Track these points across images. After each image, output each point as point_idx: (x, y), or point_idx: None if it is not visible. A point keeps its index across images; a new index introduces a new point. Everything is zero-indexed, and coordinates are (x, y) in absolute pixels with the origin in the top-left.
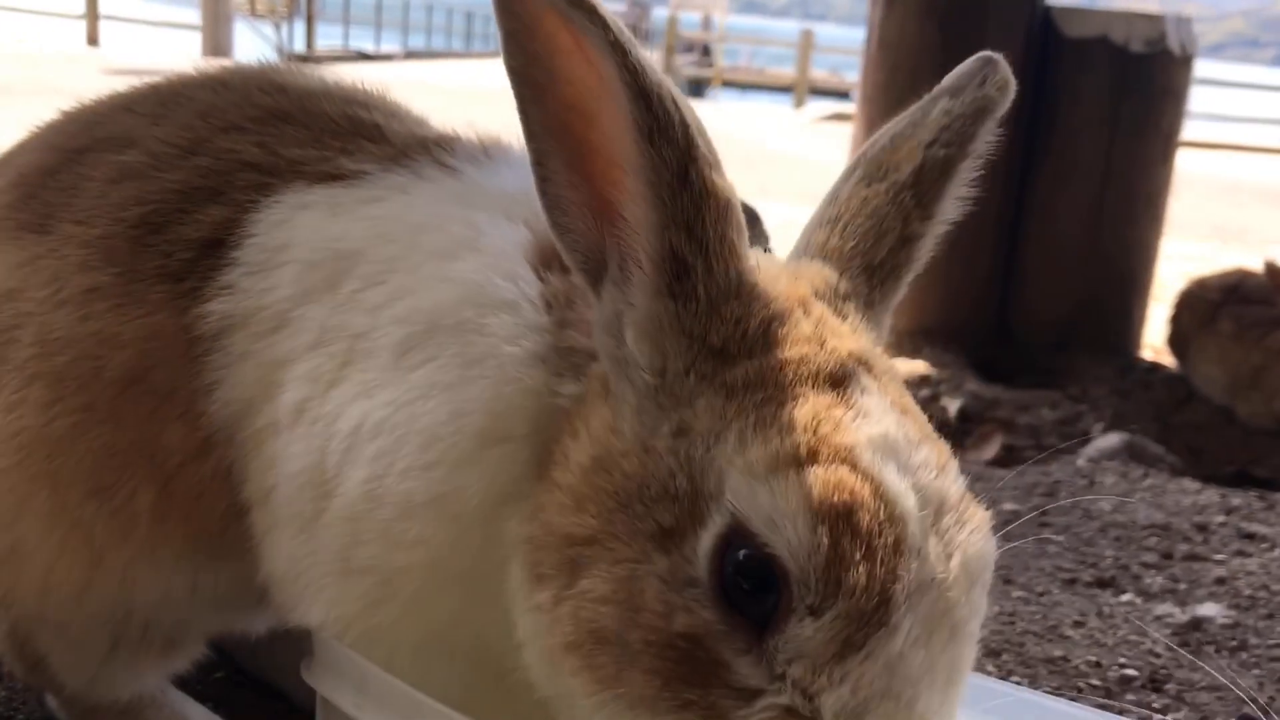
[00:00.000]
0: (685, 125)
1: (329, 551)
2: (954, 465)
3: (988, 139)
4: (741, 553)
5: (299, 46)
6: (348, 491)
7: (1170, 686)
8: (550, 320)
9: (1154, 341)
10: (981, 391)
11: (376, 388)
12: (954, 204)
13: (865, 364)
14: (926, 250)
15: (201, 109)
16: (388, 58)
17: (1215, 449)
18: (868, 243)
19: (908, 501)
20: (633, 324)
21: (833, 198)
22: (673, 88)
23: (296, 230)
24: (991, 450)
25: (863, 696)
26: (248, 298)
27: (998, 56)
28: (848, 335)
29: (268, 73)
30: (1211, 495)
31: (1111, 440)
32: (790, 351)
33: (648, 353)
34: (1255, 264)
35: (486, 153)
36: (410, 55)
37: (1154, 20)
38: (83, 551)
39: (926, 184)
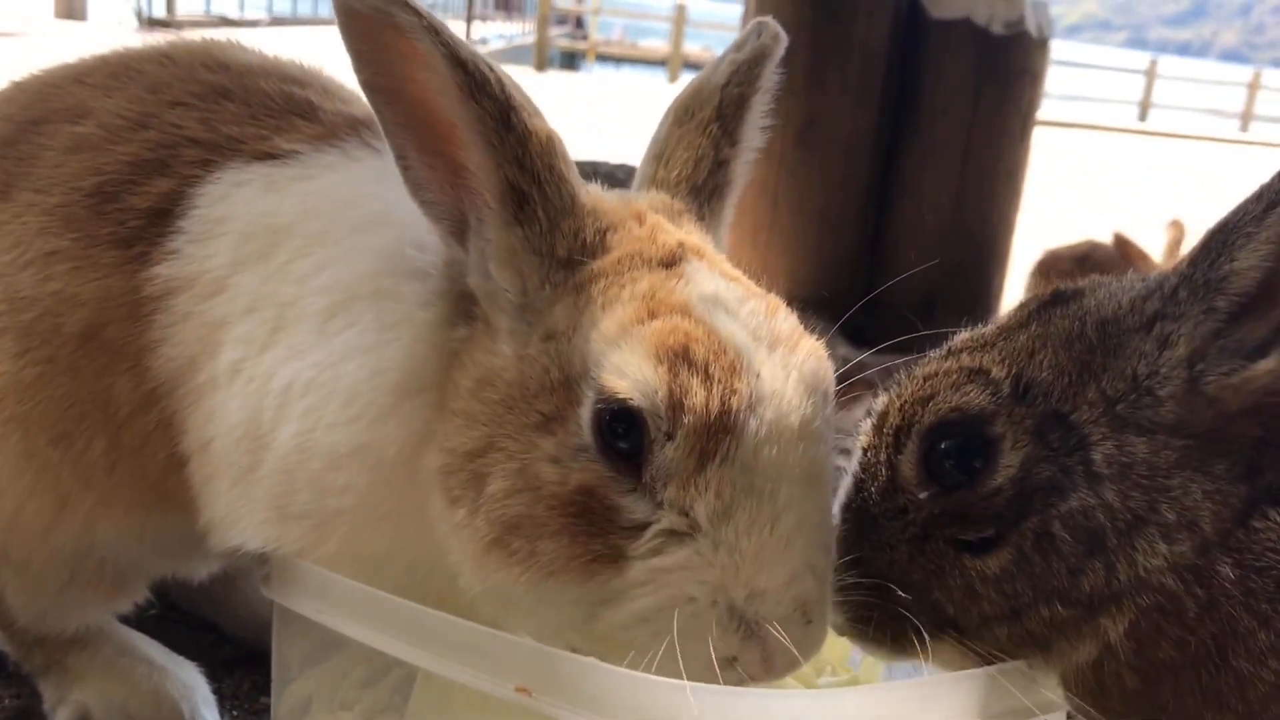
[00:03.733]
0: (500, 82)
1: (266, 499)
2: (784, 311)
3: (772, 78)
4: (611, 408)
5: (159, 11)
6: (281, 445)
7: None
8: (448, 279)
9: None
10: (851, 356)
11: (304, 350)
12: (756, 132)
13: (695, 251)
14: (741, 172)
15: (150, 83)
16: (252, 24)
17: None
18: (689, 169)
19: (739, 337)
20: (493, 256)
21: (654, 140)
22: (487, 59)
23: (234, 205)
24: (861, 409)
25: (727, 497)
26: (191, 263)
27: (769, 20)
28: (679, 233)
29: (210, 49)
30: None
31: None
32: (626, 249)
33: (508, 276)
34: (1105, 236)
35: None
36: (276, 21)
37: (1013, 3)
38: (50, 494)
39: (728, 117)
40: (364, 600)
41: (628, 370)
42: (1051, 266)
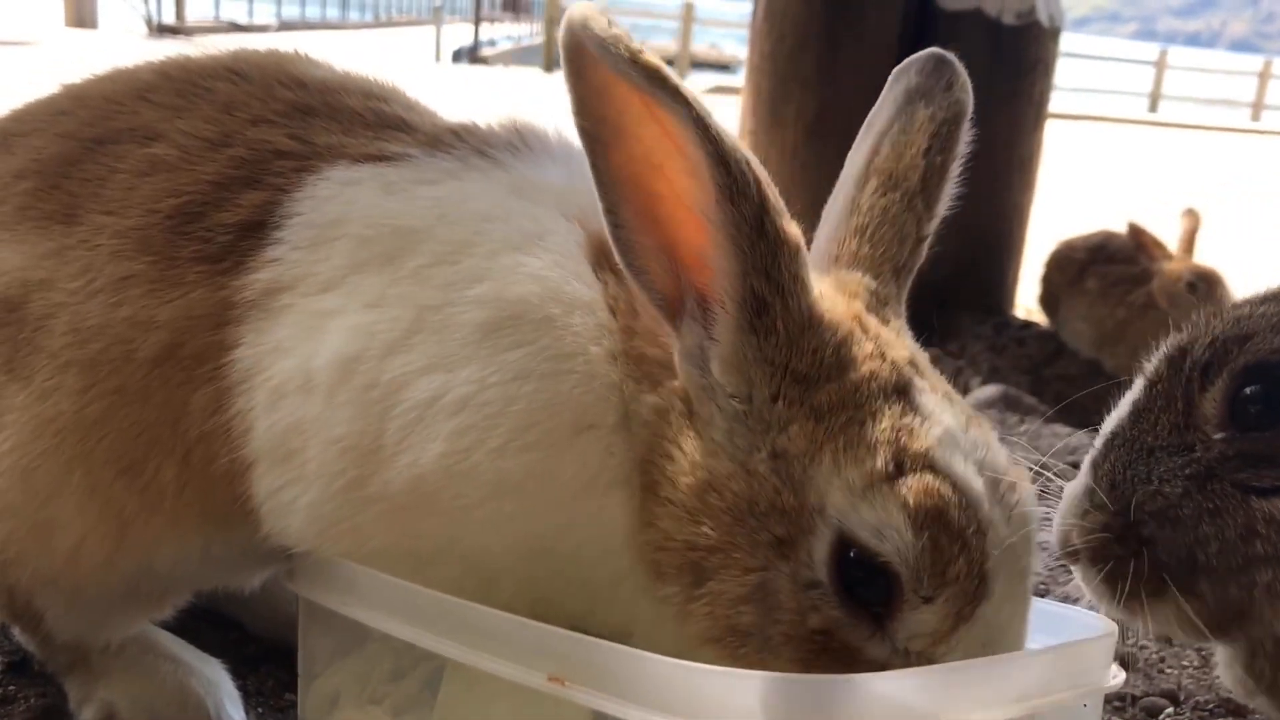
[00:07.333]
0: (759, 181)
1: (381, 521)
2: (994, 435)
3: (966, 140)
4: (853, 553)
5: (168, 17)
6: (419, 463)
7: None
8: (617, 324)
9: (1027, 301)
10: None
11: (454, 363)
12: (947, 201)
13: (915, 366)
14: (928, 246)
15: (224, 102)
16: (262, 29)
17: (1084, 399)
18: (894, 248)
19: (978, 485)
20: (718, 357)
21: (854, 208)
22: (744, 149)
23: (349, 205)
24: None
25: (971, 653)
26: (296, 267)
27: (950, 56)
28: (897, 343)
29: (284, 64)
30: (1081, 437)
31: (989, 392)
32: (861, 370)
33: (734, 382)
34: (1119, 226)
35: (525, 142)
36: (285, 26)
37: None
38: (112, 525)
39: (930, 188)
40: (392, 592)
41: (886, 534)
42: (1066, 258)
